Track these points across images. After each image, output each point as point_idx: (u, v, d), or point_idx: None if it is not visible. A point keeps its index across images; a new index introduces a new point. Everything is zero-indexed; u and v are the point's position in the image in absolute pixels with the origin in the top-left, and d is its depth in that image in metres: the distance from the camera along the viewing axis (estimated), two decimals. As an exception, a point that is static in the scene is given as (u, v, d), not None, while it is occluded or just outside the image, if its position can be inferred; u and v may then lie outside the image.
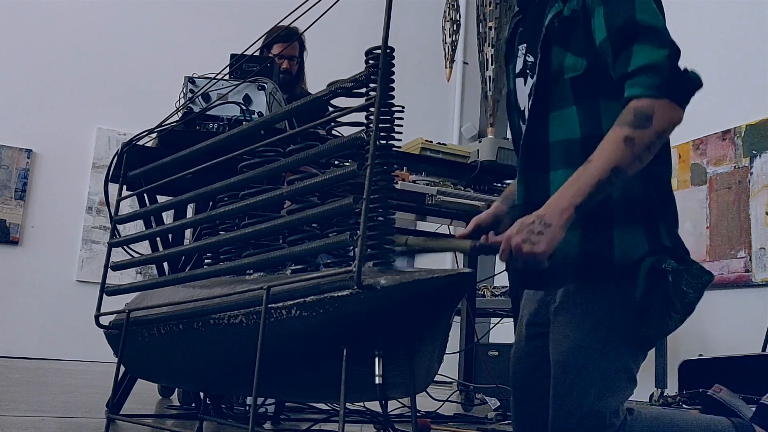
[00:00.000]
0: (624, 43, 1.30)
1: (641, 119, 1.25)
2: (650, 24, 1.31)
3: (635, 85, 1.28)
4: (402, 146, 3.17)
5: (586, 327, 1.35)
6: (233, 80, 2.30)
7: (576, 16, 1.39)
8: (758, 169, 4.40)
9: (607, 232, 1.35)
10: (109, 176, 2.26)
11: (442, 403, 2.85)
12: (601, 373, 1.33)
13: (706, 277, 1.34)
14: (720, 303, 4.47)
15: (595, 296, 1.36)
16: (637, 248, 1.35)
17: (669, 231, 1.38)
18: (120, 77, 5.95)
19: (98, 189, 5.72)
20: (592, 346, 1.34)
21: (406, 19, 6.79)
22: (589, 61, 1.38)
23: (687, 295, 1.32)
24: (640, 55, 1.29)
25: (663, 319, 1.33)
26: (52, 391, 2.91)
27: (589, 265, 1.36)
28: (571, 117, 1.41)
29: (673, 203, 1.42)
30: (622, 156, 1.24)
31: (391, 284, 1.13)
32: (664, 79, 1.26)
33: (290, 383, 1.48)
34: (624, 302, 1.34)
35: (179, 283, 1.67)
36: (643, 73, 1.28)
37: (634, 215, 1.36)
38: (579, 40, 1.39)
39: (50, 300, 5.54)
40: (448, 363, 1.74)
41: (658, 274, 1.33)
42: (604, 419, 1.31)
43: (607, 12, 1.33)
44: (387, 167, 1.30)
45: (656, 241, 1.35)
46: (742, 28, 4.70)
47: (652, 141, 1.26)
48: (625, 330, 1.35)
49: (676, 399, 2.54)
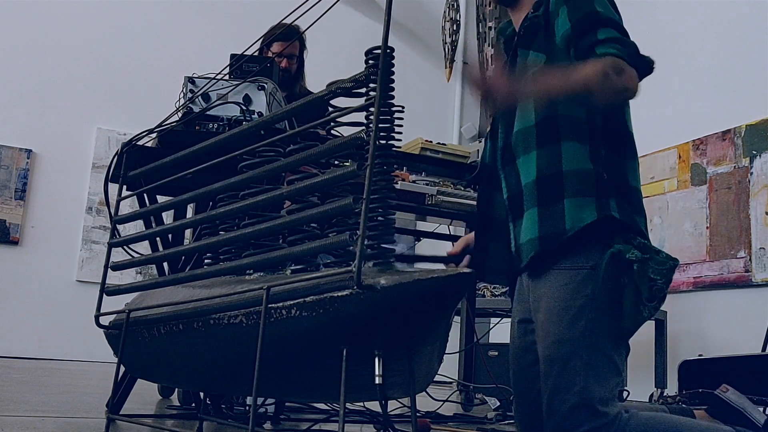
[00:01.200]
0: (588, 28, 1.44)
1: (616, 69, 1.36)
2: (610, 17, 1.45)
3: (608, 47, 1.40)
4: (402, 146, 3.16)
5: (565, 321, 1.42)
6: (233, 80, 2.30)
7: (537, 21, 1.55)
8: (758, 169, 4.40)
9: (560, 204, 1.46)
10: (109, 176, 2.25)
11: (442, 403, 2.85)
12: (585, 364, 1.39)
13: (671, 262, 1.41)
14: (720, 303, 4.47)
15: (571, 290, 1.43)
16: (586, 215, 1.43)
17: (621, 207, 1.45)
18: (120, 77, 5.95)
19: (98, 189, 5.72)
20: (573, 338, 1.41)
21: (406, 19, 6.79)
22: (547, 55, 1.52)
23: (655, 282, 1.38)
24: (606, 33, 1.42)
25: (636, 308, 1.39)
26: (52, 391, 2.91)
27: (547, 236, 1.46)
28: (529, 106, 1.54)
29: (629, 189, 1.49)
30: (596, 82, 1.34)
31: (391, 284, 1.13)
32: (629, 51, 1.39)
33: (290, 383, 1.48)
34: (599, 295, 1.41)
35: (179, 283, 1.67)
36: (614, 42, 1.41)
37: (584, 187, 1.45)
38: (540, 39, 1.54)
39: (50, 300, 5.54)
40: (448, 363, 1.74)
41: (624, 264, 1.40)
42: (594, 408, 1.36)
43: (570, 9, 1.47)
44: (387, 167, 1.30)
45: (605, 211, 1.43)
46: (742, 28, 4.70)
47: (619, 90, 1.36)
48: (603, 322, 1.41)
49: (676, 399, 2.54)
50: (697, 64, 4.95)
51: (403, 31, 6.62)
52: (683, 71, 5.03)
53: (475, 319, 3.50)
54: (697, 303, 4.60)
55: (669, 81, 5.14)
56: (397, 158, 2.95)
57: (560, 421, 1.38)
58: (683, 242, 4.75)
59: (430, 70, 6.89)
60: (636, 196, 1.50)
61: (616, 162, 1.49)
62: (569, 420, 1.37)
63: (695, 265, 4.63)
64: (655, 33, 5.28)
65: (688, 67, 5.01)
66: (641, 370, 4.57)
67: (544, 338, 1.45)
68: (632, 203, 1.48)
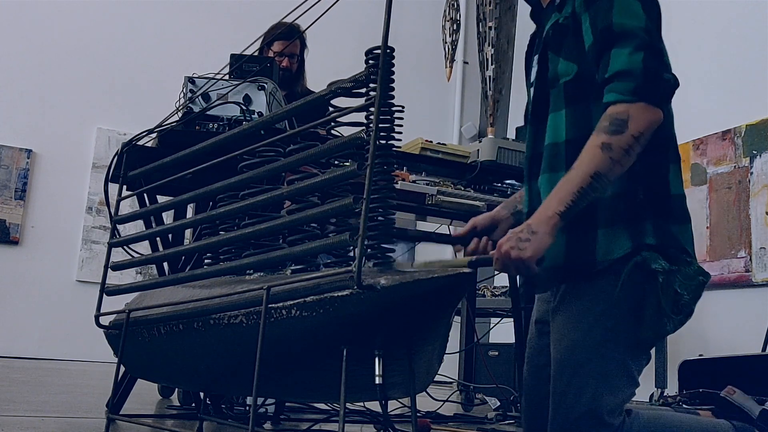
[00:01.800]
0: (603, 48, 1.35)
1: (617, 125, 1.28)
2: (627, 27, 1.33)
3: (611, 90, 1.32)
4: (402, 146, 3.16)
5: (582, 326, 1.37)
6: (233, 80, 2.30)
7: (567, 23, 1.44)
8: (758, 169, 4.40)
9: (592, 232, 1.38)
10: (109, 176, 2.25)
11: (442, 403, 2.85)
12: (598, 372, 1.34)
13: (700, 278, 1.35)
14: (720, 303, 4.47)
15: (592, 296, 1.37)
16: (618, 247, 1.36)
17: (657, 228, 1.37)
18: (120, 77, 5.95)
19: (98, 189, 5.72)
20: (589, 345, 1.36)
21: (406, 19, 6.79)
22: (579, 65, 1.42)
23: (681, 297, 1.32)
24: (616, 60, 1.32)
25: (659, 320, 1.33)
26: (52, 391, 2.91)
27: (574, 267, 1.39)
28: (560, 120, 1.45)
29: (669, 200, 1.41)
30: (601, 162, 1.27)
31: (391, 284, 1.13)
32: (638, 83, 1.29)
33: (290, 383, 1.48)
34: (619, 303, 1.35)
35: (179, 283, 1.67)
36: (618, 79, 1.31)
37: (618, 214, 1.37)
38: (570, 46, 1.44)
39: (50, 300, 5.54)
40: (448, 363, 1.74)
41: (648, 274, 1.33)
42: (601, 418, 1.32)
43: (591, 18, 1.37)
44: (387, 167, 1.30)
45: (639, 239, 1.36)
46: (742, 28, 4.70)
47: (630, 144, 1.28)
48: (621, 330, 1.35)
49: (676, 399, 2.54)
50: (697, 64, 4.95)
51: (403, 31, 6.62)
52: (683, 71, 5.01)
53: (475, 319, 3.50)
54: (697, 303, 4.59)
55: (669, 81, 5.14)
56: (397, 158, 2.95)
57: (564, 427, 1.35)
58: (683, 242, 4.74)
59: (430, 70, 6.89)
60: (678, 204, 1.41)
61: (657, 172, 1.41)
62: (573, 428, 1.34)
63: (695, 265, 4.62)
64: (655, 33, 5.28)
65: (688, 67, 5.01)
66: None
67: (558, 341, 1.41)
68: (672, 214, 1.39)
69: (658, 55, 1.34)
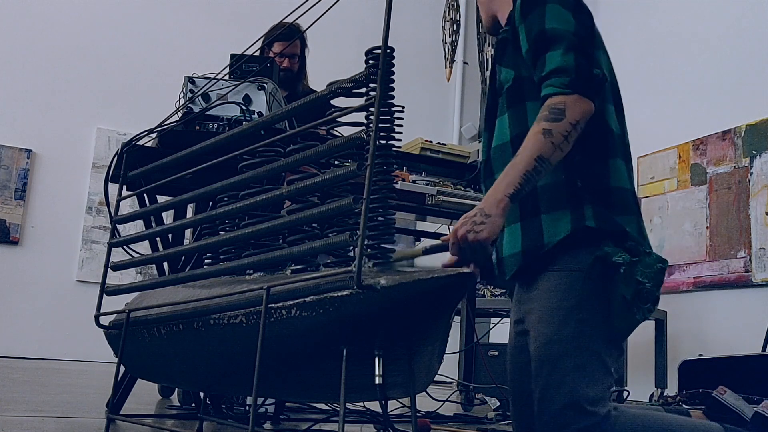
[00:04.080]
0: (538, 52, 1.48)
1: (555, 113, 1.40)
2: (559, 32, 1.47)
3: (548, 85, 1.44)
4: (402, 146, 3.16)
5: (555, 321, 1.44)
6: (233, 80, 2.30)
7: (507, 36, 1.60)
8: (758, 169, 4.40)
9: (537, 218, 1.49)
10: (109, 176, 2.25)
11: (442, 403, 2.85)
12: (574, 364, 1.40)
13: (659, 265, 1.42)
14: (720, 303, 4.47)
15: (562, 293, 1.45)
16: (561, 229, 1.45)
17: (597, 214, 1.45)
18: (120, 77, 5.95)
19: (98, 189, 5.72)
20: (563, 339, 1.42)
21: (406, 19, 6.79)
22: (516, 71, 1.56)
23: (643, 285, 1.40)
24: (551, 60, 1.45)
25: (628, 310, 1.41)
26: (52, 391, 2.91)
27: (529, 251, 1.49)
28: (504, 123, 1.58)
29: (608, 190, 1.49)
30: (543, 146, 1.38)
31: (391, 284, 1.13)
32: (571, 78, 1.42)
33: (290, 383, 1.48)
34: (588, 296, 1.43)
35: (179, 283, 1.67)
36: (554, 75, 1.44)
37: (558, 200, 1.48)
38: (509, 55, 1.59)
39: (50, 300, 5.54)
40: (448, 363, 1.75)
41: (611, 266, 1.41)
42: (582, 408, 1.37)
43: (527, 28, 1.51)
44: (387, 167, 1.30)
45: (579, 222, 1.45)
46: (742, 28, 4.70)
47: (568, 131, 1.39)
48: (592, 323, 1.43)
49: (676, 399, 2.54)
50: (697, 64, 4.95)
51: (403, 31, 6.62)
52: (683, 71, 5.03)
53: (475, 319, 3.50)
54: (697, 303, 4.59)
55: (669, 81, 5.14)
56: (397, 158, 2.95)
57: (549, 420, 1.40)
58: (683, 242, 4.75)
59: (430, 71, 6.88)
60: (619, 195, 1.50)
61: (594, 164, 1.50)
62: (558, 420, 1.39)
63: (695, 265, 4.62)
64: (655, 33, 5.28)
65: (688, 67, 5.01)
66: (641, 370, 4.57)
67: (535, 339, 1.48)
68: (613, 205, 1.49)
69: (587, 55, 1.46)
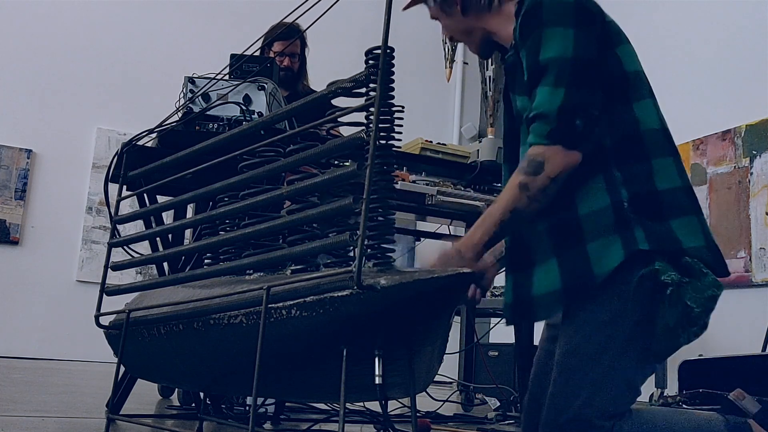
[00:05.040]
0: (532, 85, 1.40)
1: (534, 166, 1.35)
2: (552, 61, 1.36)
3: (532, 131, 1.38)
4: (402, 146, 3.16)
5: (585, 332, 1.37)
6: (233, 80, 2.30)
7: (514, 61, 1.50)
8: (758, 169, 4.40)
9: (582, 249, 1.38)
10: (109, 176, 2.25)
11: (442, 403, 2.85)
12: (592, 378, 1.34)
13: (712, 291, 1.34)
14: (720, 303, 4.45)
15: (599, 305, 1.37)
16: (612, 257, 1.35)
17: (649, 233, 1.36)
18: (120, 77, 5.95)
19: (98, 189, 5.72)
20: (588, 351, 1.36)
21: (406, 19, 6.78)
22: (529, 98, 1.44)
23: (691, 310, 1.31)
24: (539, 98, 1.37)
25: (672, 332, 1.32)
26: (52, 391, 2.91)
27: (574, 287, 1.38)
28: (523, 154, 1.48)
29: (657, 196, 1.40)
30: (518, 200, 1.36)
31: (391, 284, 1.13)
32: (552, 127, 1.35)
33: (290, 383, 1.48)
34: (626, 313, 1.34)
35: (179, 283, 1.67)
36: (537, 119, 1.37)
37: (605, 226, 1.37)
38: (520, 81, 1.47)
39: (50, 300, 5.54)
40: (448, 363, 1.74)
41: (657, 285, 1.32)
42: (591, 424, 1.31)
43: (526, 54, 1.42)
44: (387, 167, 1.30)
45: (632, 246, 1.34)
46: (742, 28, 4.70)
47: (546, 185, 1.35)
48: (627, 340, 1.34)
49: (676, 399, 2.54)
50: (697, 64, 4.95)
51: (403, 31, 6.61)
52: (683, 71, 5.02)
53: (475, 319, 3.50)
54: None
55: (669, 81, 5.14)
56: (397, 158, 2.95)
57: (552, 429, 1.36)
58: (683, 242, 4.74)
59: (430, 71, 6.88)
60: (670, 197, 1.39)
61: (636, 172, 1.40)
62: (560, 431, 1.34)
63: (695, 265, 4.62)
64: (655, 33, 5.28)
65: (688, 67, 5.01)
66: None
67: (561, 344, 1.41)
68: (665, 210, 1.38)
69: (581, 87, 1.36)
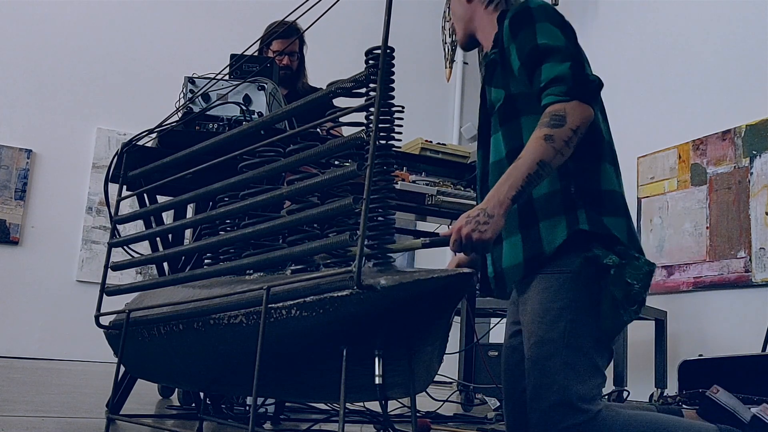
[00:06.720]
0: (534, 65, 1.53)
1: (557, 119, 1.45)
2: (551, 46, 1.52)
3: (548, 94, 1.49)
4: (402, 146, 3.16)
5: (546, 321, 1.48)
6: (233, 80, 2.30)
7: (495, 58, 1.65)
8: (758, 169, 4.40)
9: (535, 227, 1.55)
10: (109, 176, 2.25)
11: (442, 403, 2.85)
12: (564, 363, 1.45)
13: (647, 267, 1.48)
14: (720, 303, 4.47)
15: (553, 294, 1.50)
16: (558, 234, 1.51)
17: (590, 218, 1.51)
18: (120, 77, 5.95)
19: (98, 189, 5.72)
20: (554, 338, 1.47)
21: (406, 19, 6.79)
22: (507, 90, 1.62)
23: (632, 287, 1.45)
24: (548, 71, 1.50)
25: (615, 311, 1.45)
26: (52, 391, 2.91)
27: (530, 260, 1.54)
28: (499, 140, 1.64)
29: (600, 194, 1.54)
30: (545, 151, 1.43)
31: (391, 284, 1.13)
32: (569, 85, 1.47)
33: (290, 383, 1.48)
34: (578, 297, 1.48)
35: (179, 283, 1.67)
36: (553, 84, 1.49)
37: (554, 208, 1.53)
38: (498, 76, 1.64)
39: (50, 300, 5.54)
40: (448, 363, 1.76)
41: (601, 268, 1.46)
42: (573, 405, 1.41)
43: (518, 46, 1.57)
44: (387, 167, 1.30)
45: (574, 226, 1.50)
46: (742, 28, 4.70)
47: (569, 136, 1.44)
48: (582, 323, 1.47)
49: (676, 399, 2.54)
50: (697, 64, 4.95)
51: (403, 31, 6.62)
52: (683, 71, 5.03)
53: (475, 319, 3.50)
54: (697, 303, 4.60)
55: (669, 81, 5.14)
56: (397, 158, 2.95)
57: (541, 418, 1.44)
58: (683, 242, 4.75)
59: (430, 71, 6.89)
60: (609, 198, 1.55)
61: (587, 169, 1.55)
62: (550, 417, 1.43)
63: (695, 265, 4.62)
64: (655, 33, 5.28)
65: (688, 67, 5.01)
66: (641, 370, 4.57)
67: (527, 339, 1.52)
68: (605, 207, 1.54)
69: (581, 64, 1.51)
